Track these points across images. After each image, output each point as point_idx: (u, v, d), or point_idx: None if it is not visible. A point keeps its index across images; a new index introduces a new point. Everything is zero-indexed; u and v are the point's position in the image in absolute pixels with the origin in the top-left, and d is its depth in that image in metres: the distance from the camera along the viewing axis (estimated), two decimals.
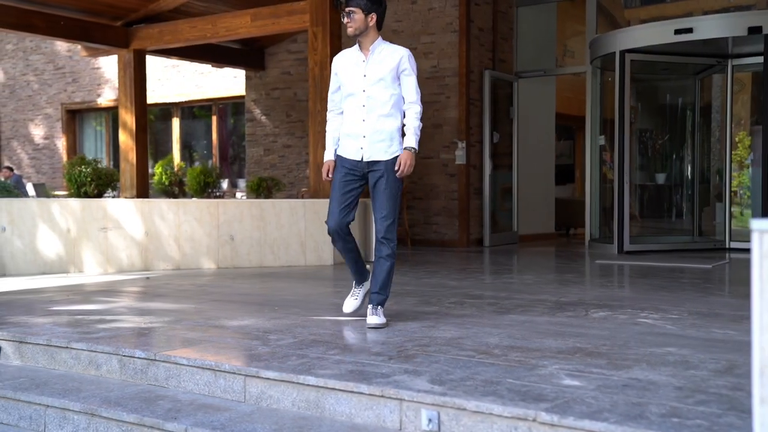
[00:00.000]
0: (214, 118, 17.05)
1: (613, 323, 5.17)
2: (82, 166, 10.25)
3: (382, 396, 3.54)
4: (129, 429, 3.79)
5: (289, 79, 13.57)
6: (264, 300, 6.51)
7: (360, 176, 4.93)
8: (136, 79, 11.63)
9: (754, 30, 9.63)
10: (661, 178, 11.95)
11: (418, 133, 4.92)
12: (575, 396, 3.35)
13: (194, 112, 17.38)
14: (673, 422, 2.97)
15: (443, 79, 11.78)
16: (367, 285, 5.22)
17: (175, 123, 17.48)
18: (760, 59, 10.66)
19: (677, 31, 10.01)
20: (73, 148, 19.09)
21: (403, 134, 4.96)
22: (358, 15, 4.84)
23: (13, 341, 4.89)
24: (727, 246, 11.19)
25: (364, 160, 4.89)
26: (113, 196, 10.29)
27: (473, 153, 11.96)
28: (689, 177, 12.01)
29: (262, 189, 10.51)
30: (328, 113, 5.13)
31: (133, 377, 4.38)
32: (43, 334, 4.87)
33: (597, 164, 11.80)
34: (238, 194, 15.28)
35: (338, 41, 9.76)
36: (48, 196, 12.44)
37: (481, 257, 10.44)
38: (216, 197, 10.73)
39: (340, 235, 4.95)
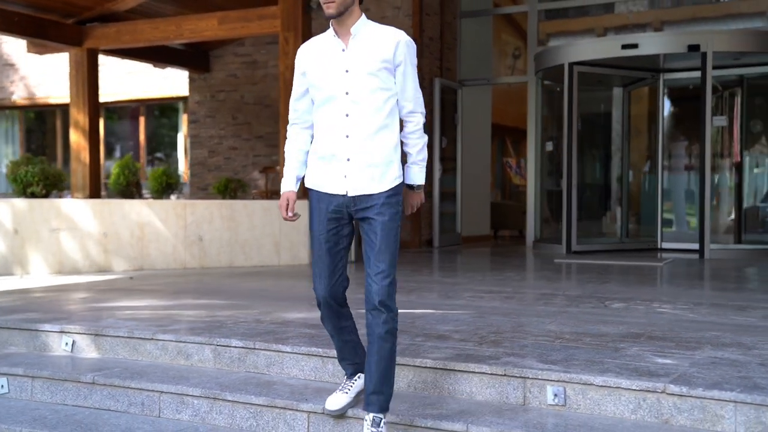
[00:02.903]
0: (142, 119, 16.90)
1: (639, 313, 5.67)
2: (29, 166, 10.12)
3: (504, 375, 3.91)
4: (258, 411, 4.02)
5: (235, 81, 13.67)
6: (289, 296, 6.74)
7: (347, 218, 3.56)
8: (89, 78, 11.50)
9: (693, 48, 10.43)
10: (595, 180, 12.72)
11: (425, 159, 3.66)
12: (680, 372, 3.80)
13: (116, 112, 17.18)
14: None
15: None
16: (363, 378, 3.79)
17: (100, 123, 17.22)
18: (689, 74, 11.59)
19: (624, 46, 10.73)
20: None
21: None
22: None
23: (88, 334, 4.99)
24: (659, 246, 12.00)
25: (350, 194, 3.49)
26: (58, 197, 10.17)
27: None
28: (616, 182, 12.81)
29: (229, 190, 10.64)
30: (288, 127, 3.73)
31: (229, 365, 4.59)
32: (120, 327, 4.99)
33: (540, 170, 12.43)
34: (173, 196, 15.21)
35: None
36: None
37: (444, 257, 10.87)
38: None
39: (333, 308, 3.64)
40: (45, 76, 17.11)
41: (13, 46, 17.06)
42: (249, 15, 10.36)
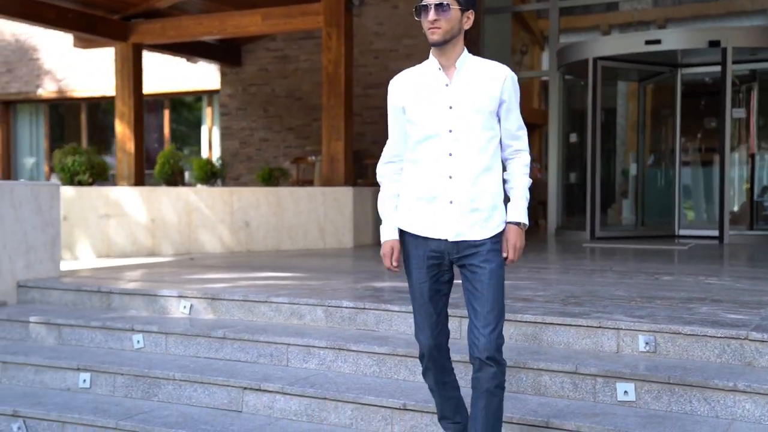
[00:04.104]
0: (166, 112, 17.38)
1: (689, 283, 6.24)
2: (76, 156, 10.61)
3: (599, 327, 4.47)
4: (381, 359, 4.57)
5: (266, 75, 14.20)
6: (362, 270, 7.28)
7: (447, 264, 3.36)
8: (134, 72, 12.02)
9: (714, 43, 11.01)
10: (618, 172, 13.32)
11: (528, 198, 3.40)
12: (755, 324, 4.38)
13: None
14: None
15: None
16: None
17: None
18: (706, 69, 12.21)
19: (647, 42, 11.30)
20: (6, 141, 18.92)
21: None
22: (454, 12, 3.25)
23: (205, 298, 5.53)
24: (676, 233, 12.59)
25: (451, 239, 3.30)
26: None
27: None
28: (633, 173, 13.40)
29: (273, 178, 11.17)
30: (382, 165, 3.49)
31: (341, 324, 5.13)
32: (235, 292, 5.53)
33: (561, 161, 13.01)
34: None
35: (350, 42, 10.54)
36: None
37: None
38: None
39: (437, 360, 3.45)
40: (70, 69, 17.55)
41: (39, 40, 17.50)
42: (292, 11, 10.88)
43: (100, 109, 18.17)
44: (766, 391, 3.73)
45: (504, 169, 3.41)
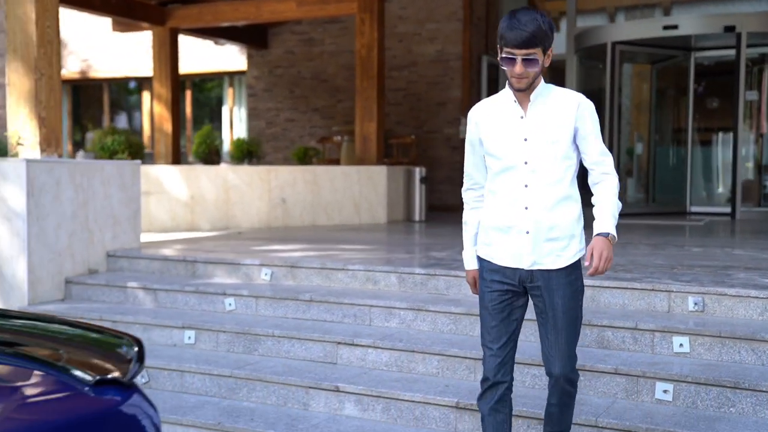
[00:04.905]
0: (188, 93, 17.87)
1: (719, 253, 6.82)
2: (115, 135, 11.12)
3: (653, 290, 5.04)
4: (457, 318, 5.14)
5: (292, 58, 14.70)
6: (409, 243, 7.85)
7: (522, 290, 3.39)
8: (171, 55, 12.52)
9: (729, 28, 11.57)
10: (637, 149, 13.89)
11: (617, 215, 3.37)
12: None
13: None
14: None
15: (447, 63, 13.27)
16: None
17: (146, 96, 18.19)
18: (718, 52, 12.77)
19: (665, 27, 11.85)
20: None
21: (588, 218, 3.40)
22: (539, 58, 3.21)
23: (284, 266, 6.10)
24: (687, 210, 13.18)
25: (527, 268, 3.34)
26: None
27: None
28: (645, 152, 13.97)
29: (308, 157, 11.71)
30: (464, 194, 3.60)
31: (413, 289, 5.71)
32: (313, 260, 6.10)
33: None
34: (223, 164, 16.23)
35: (382, 27, 11.04)
36: None
37: None
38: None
39: (498, 389, 3.40)
40: (92, 51, 18.01)
41: (61, 23, 17.93)
42: None
43: (120, 89, 18.63)
44: None
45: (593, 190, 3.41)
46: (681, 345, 4.59)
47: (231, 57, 16.36)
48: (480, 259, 3.46)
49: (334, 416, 4.64)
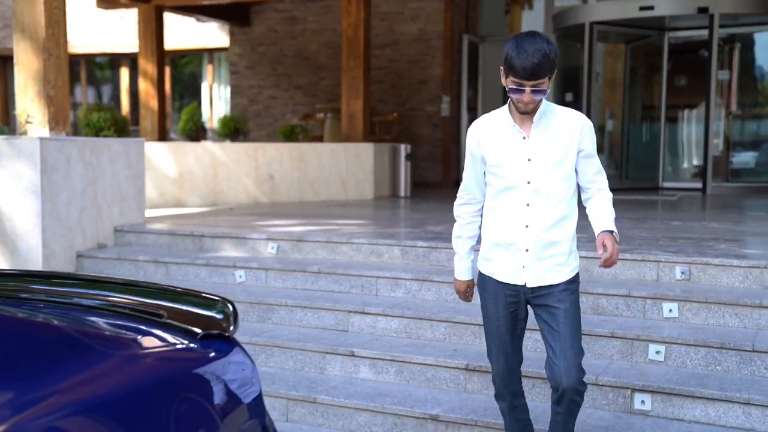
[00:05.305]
0: (167, 69, 17.96)
1: (697, 227, 7.22)
2: (101, 112, 11.30)
3: (642, 260, 5.41)
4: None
5: (275, 35, 14.88)
6: (404, 218, 8.16)
7: (524, 302, 3.49)
8: (156, 33, 12.67)
9: (702, 9, 11.96)
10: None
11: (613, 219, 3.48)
12: None
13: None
14: None
15: (429, 41, 13.55)
16: None
17: (124, 72, 18.25)
18: (692, 32, 13.18)
19: (641, 8, 12.21)
20: (4, 95, 19.35)
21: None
22: (547, 85, 3.26)
23: (291, 240, 6.39)
24: (659, 185, 13.63)
25: (528, 285, 3.43)
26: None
27: (453, 106, 13.84)
28: (619, 129, 14.39)
29: (294, 134, 11.96)
30: (459, 206, 3.63)
31: (415, 261, 6.03)
32: (318, 234, 6.39)
33: None
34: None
35: (368, 7, 11.28)
36: None
37: None
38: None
39: (509, 385, 3.60)
40: (69, 27, 18.00)
41: None
42: None
43: (97, 65, 18.68)
44: None
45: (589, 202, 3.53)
46: (670, 310, 4.96)
47: (210, 34, 16.48)
48: (482, 274, 3.53)
49: (350, 379, 4.96)
